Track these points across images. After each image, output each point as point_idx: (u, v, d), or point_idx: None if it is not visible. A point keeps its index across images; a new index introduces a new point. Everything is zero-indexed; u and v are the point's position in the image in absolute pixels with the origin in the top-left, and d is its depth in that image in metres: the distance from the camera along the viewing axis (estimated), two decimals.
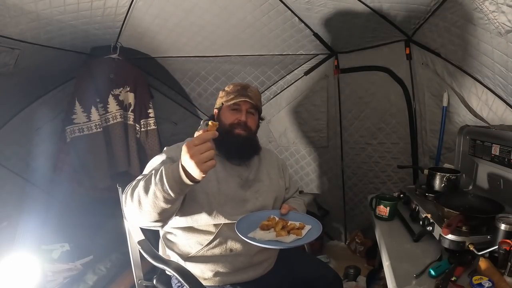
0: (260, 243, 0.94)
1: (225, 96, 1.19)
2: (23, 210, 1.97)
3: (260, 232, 1.00)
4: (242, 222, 1.04)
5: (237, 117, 1.16)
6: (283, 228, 1.02)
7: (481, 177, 1.44)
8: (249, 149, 1.20)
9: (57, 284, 1.64)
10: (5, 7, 1.30)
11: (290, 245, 0.95)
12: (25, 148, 2.07)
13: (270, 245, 0.95)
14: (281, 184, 1.29)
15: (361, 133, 2.22)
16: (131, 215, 0.96)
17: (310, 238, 0.99)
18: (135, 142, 2.14)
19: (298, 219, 1.08)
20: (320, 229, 1.03)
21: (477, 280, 0.83)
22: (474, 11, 1.10)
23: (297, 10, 1.70)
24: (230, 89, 1.20)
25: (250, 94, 1.18)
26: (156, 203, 0.86)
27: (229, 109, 1.18)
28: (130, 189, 0.93)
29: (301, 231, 1.01)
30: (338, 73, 2.19)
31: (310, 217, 1.11)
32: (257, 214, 1.10)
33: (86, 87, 1.98)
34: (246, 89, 1.19)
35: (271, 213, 1.12)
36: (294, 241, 0.97)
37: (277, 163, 1.34)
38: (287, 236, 0.99)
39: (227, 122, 1.17)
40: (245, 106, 1.17)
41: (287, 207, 1.14)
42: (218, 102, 1.23)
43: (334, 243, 2.59)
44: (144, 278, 1.27)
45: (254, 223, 1.05)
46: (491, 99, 1.38)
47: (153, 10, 1.66)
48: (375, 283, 1.82)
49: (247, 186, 1.17)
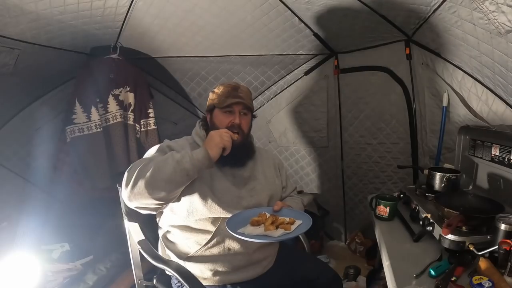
0: (248, 237, 0.96)
1: (216, 99, 1.18)
2: (23, 210, 1.97)
3: (249, 228, 1.02)
4: (234, 218, 1.05)
5: (231, 120, 1.16)
6: (272, 223, 1.03)
7: (481, 177, 1.44)
8: (243, 154, 1.20)
9: (57, 284, 1.64)
10: (5, 7, 1.30)
11: (278, 239, 0.97)
12: (25, 148, 2.07)
13: (257, 239, 0.96)
14: (277, 183, 1.29)
15: (361, 133, 2.22)
16: (134, 190, 0.95)
17: (298, 232, 1.00)
18: (135, 142, 2.14)
19: (290, 215, 1.09)
20: (309, 224, 1.03)
21: (477, 280, 0.83)
22: (474, 11, 1.10)
23: (297, 10, 1.70)
24: (220, 91, 1.19)
25: (242, 94, 1.17)
26: (177, 170, 0.95)
27: (221, 112, 1.17)
28: (137, 165, 0.98)
29: (291, 226, 1.02)
30: (338, 73, 2.19)
31: (301, 213, 1.12)
32: (249, 211, 1.11)
33: (86, 87, 1.98)
34: (237, 89, 1.18)
35: (263, 210, 1.12)
36: (282, 235, 0.98)
37: (273, 162, 1.34)
38: (275, 231, 1.00)
39: (221, 126, 1.15)
40: (237, 107, 1.16)
41: (280, 204, 1.14)
42: (209, 105, 1.22)
43: (334, 243, 2.59)
44: (144, 278, 1.27)
45: (246, 219, 1.06)
46: (491, 99, 1.38)
47: (153, 10, 1.66)
48: (375, 283, 1.82)
49: (242, 184, 1.18)
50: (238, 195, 1.15)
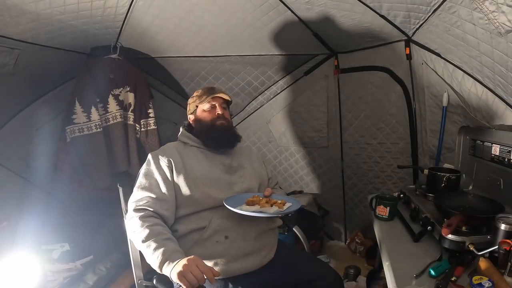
0: (245, 211, 1.06)
1: (197, 99, 1.32)
2: (23, 210, 1.97)
3: (246, 206, 1.11)
4: (230, 199, 1.14)
5: (215, 112, 1.30)
6: (266, 202, 1.13)
7: (481, 177, 1.44)
8: (234, 136, 1.33)
9: (57, 284, 1.64)
10: (5, 7, 1.30)
11: (272, 215, 1.08)
12: (25, 148, 2.07)
13: (254, 213, 1.06)
14: (263, 172, 1.39)
15: (361, 133, 2.22)
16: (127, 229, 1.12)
17: (290, 210, 1.13)
18: (135, 142, 2.14)
19: (280, 199, 1.19)
20: (299, 205, 1.16)
21: (477, 280, 0.83)
22: (474, 11, 1.10)
23: (297, 10, 1.70)
24: (199, 93, 1.34)
25: (218, 90, 1.34)
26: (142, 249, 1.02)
27: (204, 109, 1.31)
28: (138, 216, 1.07)
29: (283, 205, 1.14)
30: (338, 73, 2.19)
31: (290, 198, 1.24)
32: (244, 194, 1.20)
33: (86, 87, 1.98)
34: (213, 88, 1.35)
35: (256, 193, 1.22)
36: (276, 212, 1.09)
37: (256, 156, 1.45)
38: (270, 208, 1.10)
39: (208, 119, 1.29)
40: (218, 101, 1.31)
41: (270, 190, 1.24)
42: (191, 108, 1.35)
43: (334, 243, 2.59)
44: (144, 278, 1.27)
45: (241, 200, 1.15)
46: (491, 99, 1.38)
47: (153, 10, 1.66)
48: (375, 283, 1.82)
49: (232, 172, 1.27)
50: (229, 181, 1.24)
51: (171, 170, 1.18)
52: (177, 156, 1.23)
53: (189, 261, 0.92)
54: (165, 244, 1.00)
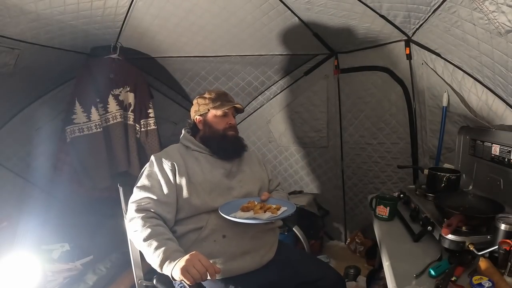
0: (238, 218, 1.07)
1: (211, 103, 1.31)
2: (23, 210, 1.97)
3: (240, 213, 1.12)
4: (226, 206, 1.15)
5: (227, 121, 1.31)
6: (260, 208, 1.14)
7: (481, 177, 1.44)
8: (242, 146, 1.35)
9: (57, 284, 1.64)
10: (5, 7, 1.30)
11: (265, 221, 1.09)
12: (25, 148, 2.07)
13: (247, 220, 1.07)
14: (263, 175, 1.40)
15: (361, 133, 2.22)
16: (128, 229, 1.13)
17: (283, 216, 1.13)
18: (135, 142, 2.14)
19: (276, 203, 1.20)
20: (294, 209, 1.15)
21: (477, 280, 0.83)
22: (474, 11, 1.10)
23: (297, 10, 1.70)
24: (213, 96, 1.33)
25: (231, 99, 1.35)
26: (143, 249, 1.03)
27: (217, 115, 1.31)
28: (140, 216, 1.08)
29: (277, 211, 1.14)
30: (338, 73, 2.19)
31: (287, 201, 1.25)
32: (240, 200, 1.22)
33: (86, 87, 1.98)
34: (227, 95, 1.36)
35: (252, 199, 1.22)
36: (269, 217, 1.10)
37: (257, 159, 1.45)
38: (263, 214, 1.11)
39: (220, 127, 1.30)
40: (231, 110, 1.33)
41: (267, 194, 1.26)
42: (202, 109, 1.33)
43: (334, 243, 2.59)
44: (144, 278, 1.27)
45: (236, 206, 1.16)
46: (491, 99, 1.38)
47: (153, 10, 1.66)
48: (375, 283, 1.82)
49: (231, 176, 1.28)
50: (229, 186, 1.25)
51: (174, 173, 1.19)
52: (180, 160, 1.23)
53: (192, 256, 0.93)
54: (166, 243, 1.01)
